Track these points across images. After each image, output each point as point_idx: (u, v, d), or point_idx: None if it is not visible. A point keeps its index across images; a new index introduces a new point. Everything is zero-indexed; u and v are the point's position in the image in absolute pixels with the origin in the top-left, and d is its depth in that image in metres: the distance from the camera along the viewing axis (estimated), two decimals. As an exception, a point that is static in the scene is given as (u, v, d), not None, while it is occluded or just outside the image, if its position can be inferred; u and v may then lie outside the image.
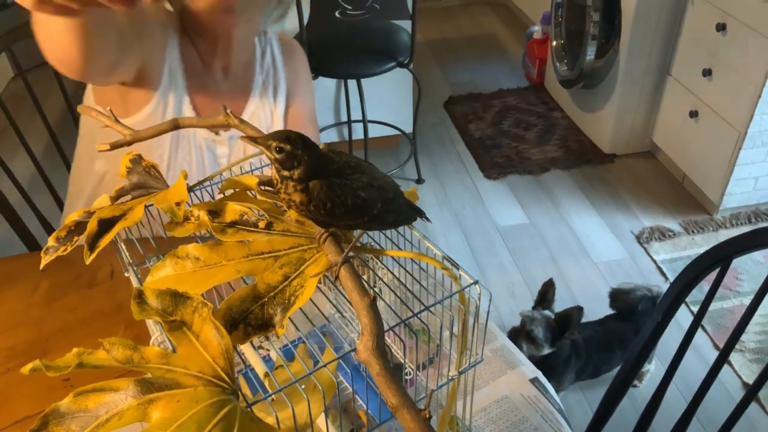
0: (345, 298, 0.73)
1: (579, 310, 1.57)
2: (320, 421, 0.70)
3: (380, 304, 0.49)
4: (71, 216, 0.57)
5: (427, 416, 0.41)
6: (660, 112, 2.64)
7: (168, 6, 1.08)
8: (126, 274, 0.67)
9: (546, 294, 1.64)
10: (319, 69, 2.20)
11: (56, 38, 0.76)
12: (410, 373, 0.71)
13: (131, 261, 0.57)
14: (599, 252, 2.34)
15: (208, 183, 0.63)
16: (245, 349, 0.63)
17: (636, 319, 1.70)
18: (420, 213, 0.51)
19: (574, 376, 1.67)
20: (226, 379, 0.42)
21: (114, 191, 0.61)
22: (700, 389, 1.02)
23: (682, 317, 2.03)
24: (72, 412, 0.41)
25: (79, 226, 0.56)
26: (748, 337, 2.01)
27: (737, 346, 1.97)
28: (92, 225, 0.52)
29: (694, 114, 2.37)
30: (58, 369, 0.44)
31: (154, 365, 0.43)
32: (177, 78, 1.07)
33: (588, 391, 1.86)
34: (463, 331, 0.53)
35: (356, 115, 2.72)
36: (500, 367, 0.92)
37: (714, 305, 2.09)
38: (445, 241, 2.43)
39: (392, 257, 0.52)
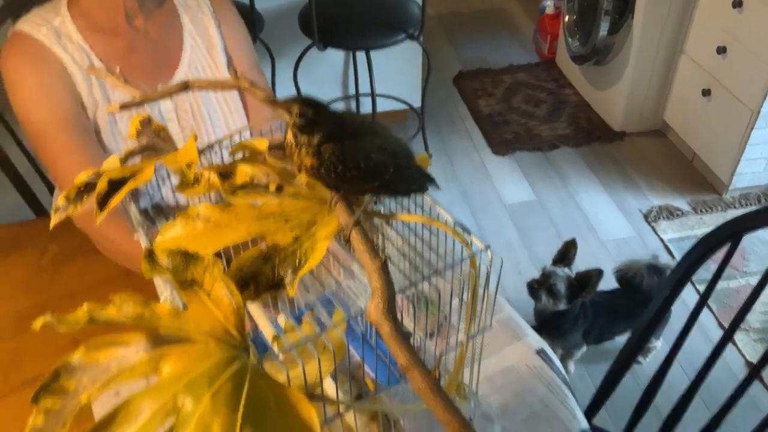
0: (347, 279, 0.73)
1: (599, 272, 1.60)
2: (328, 385, 0.70)
3: (391, 268, 0.49)
4: (80, 176, 0.56)
5: (437, 376, 0.41)
6: (672, 90, 2.60)
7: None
8: (135, 237, 0.67)
9: (567, 253, 1.67)
10: (327, 40, 2.18)
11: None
12: (418, 341, 0.71)
13: (141, 220, 0.56)
14: (606, 230, 2.33)
15: (217, 146, 0.62)
16: (253, 311, 0.63)
17: (642, 293, 1.72)
18: (431, 180, 0.51)
19: (580, 336, 1.71)
20: (237, 336, 0.43)
21: (123, 152, 0.61)
22: (704, 367, 1.02)
23: (688, 296, 2.03)
24: (83, 366, 0.41)
25: (89, 187, 0.55)
26: (754, 317, 2.01)
27: (742, 326, 1.97)
28: (102, 185, 0.52)
29: (706, 92, 2.34)
30: (68, 324, 0.44)
31: (165, 322, 0.43)
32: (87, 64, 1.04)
33: (591, 365, 1.87)
34: (473, 297, 0.53)
35: (364, 88, 2.70)
36: (506, 337, 0.92)
37: (720, 284, 2.08)
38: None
39: (402, 222, 0.52)
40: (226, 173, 0.54)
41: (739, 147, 2.24)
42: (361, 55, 2.54)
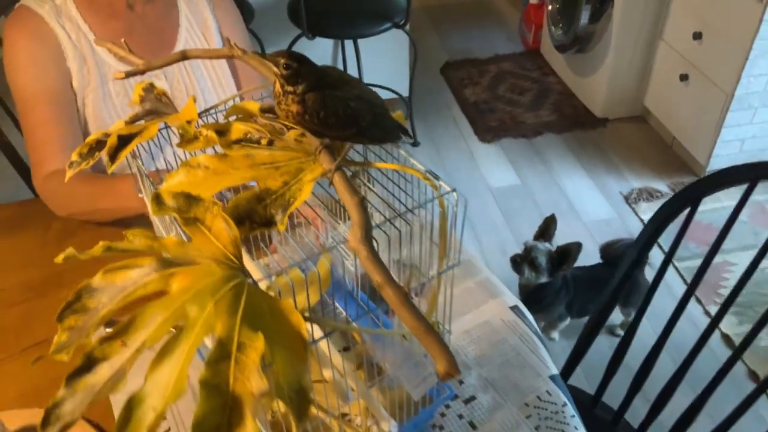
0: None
1: (579, 245, 1.67)
2: (333, 354, 0.77)
3: (370, 209, 0.56)
4: (92, 136, 0.63)
5: (407, 293, 0.48)
6: (652, 77, 2.68)
7: None
8: (140, 195, 0.73)
9: (548, 228, 1.74)
10: (315, 30, 2.24)
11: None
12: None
13: (146, 174, 0.63)
14: (588, 212, 2.41)
15: (213, 110, 0.69)
16: (246, 262, 0.70)
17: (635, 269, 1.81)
18: (405, 132, 0.58)
19: (563, 308, 1.78)
20: (236, 261, 0.49)
21: (129, 117, 0.67)
22: (669, 322, 1.10)
23: (671, 278, 2.11)
24: (102, 287, 0.48)
25: (99, 144, 0.62)
26: (728, 291, 2.09)
27: (717, 299, 2.06)
28: (113, 139, 0.59)
29: (684, 77, 2.42)
30: (88, 255, 0.51)
31: (172, 250, 0.49)
32: (83, 47, 1.11)
33: (575, 338, 1.94)
34: (443, 234, 0.59)
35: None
36: (483, 296, 0.99)
37: (697, 261, 2.16)
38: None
39: (380, 170, 0.58)
40: (222, 131, 0.61)
41: (715, 130, 2.32)
42: (350, 45, 2.60)
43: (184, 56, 0.67)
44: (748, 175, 0.96)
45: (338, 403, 0.69)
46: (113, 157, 0.58)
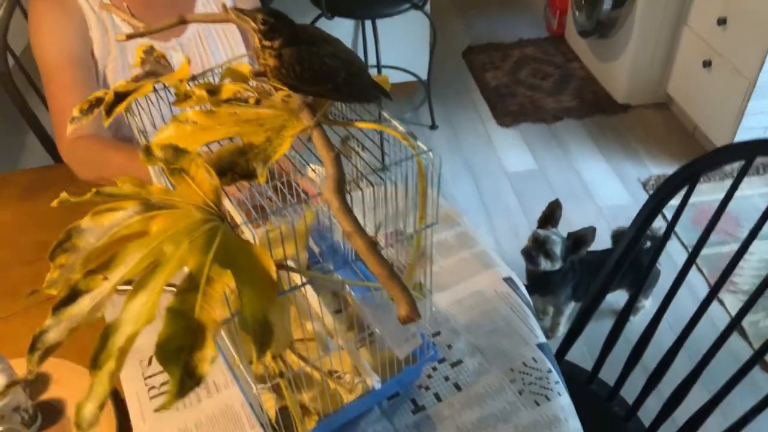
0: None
1: (593, 230, 1.66)
2: (314, 301, 0.80)
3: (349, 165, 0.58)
4: (94, 94, 0.66)
5: (375, 241, 0.51)
6: (675, 63, 2.64)
7: None
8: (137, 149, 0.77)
9: (553, 213, 1.73)
10: (334, 9, 2.26)
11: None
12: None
13: (142, 128, 0.66)
14: (604, 197, 2.40)
15: (210, 72, 0.72)
16: (228, 206, 0.73)
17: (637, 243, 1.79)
18: (384, 93, 0.60)
19: (570, 292, 1.78)
20: (215, 208, 0.52)
21: (131, 78, 0.70)
22: (690, 323, 1.06)
23: (679, 257, 2.09)
24: (90, 228, 0.51)
25: (99, 101, 0.65)
26: (743, 280, 2.07)
27: (731, 288, 2.04)
28: (110, 96, 0.62)
29: (707, 64, 2.38)
30: (79, 199, 0.54)
31: (157, 196, 0.53)
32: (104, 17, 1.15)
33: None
34: (421, 193, 0.61)
35: (373, 59, 2.78)
36: (477, 267, 1.01)
37: (713, 249, 2.15)
38: (454, 184, 2.50)
39: (360, 129, 0.61)
40: (214, 90, 0.64)
41: (737, 117, 2.28)
42: (370, 26, 2.61)
43: (182, 20, 0.70)
44: (745, 152, 0.95)
45: (319, 353, 0.72)
46: (109, 111, 0.61)
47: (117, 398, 0.85)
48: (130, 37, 0.70)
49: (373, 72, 2.71)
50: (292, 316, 0.78)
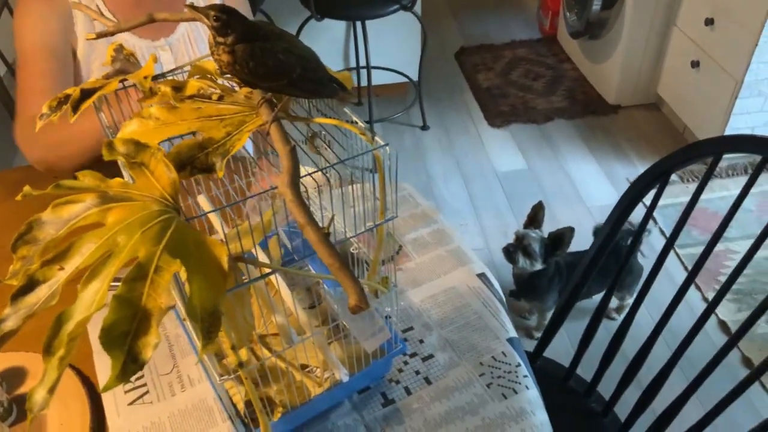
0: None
1: (571, 230, 1.67)
2: (287, 295, 0.81)
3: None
4: (65, 91, 0.68)
5: (327, 233, 0.52)
6: (665, 64, 2.66)
7: None
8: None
9: (536, 215, 1.74)
10: (323, 11, 2.28)
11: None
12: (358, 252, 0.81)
13: (109, 126, 0.68)
14: (593, 197, 2.41)
15: (179, 70, 0.73)
16: (201, 201, 0.75)
17: (618, 253, 1.79)
18: (343, 88, 0.61)
19: (557, 296, 1.79)
20: (171, 201, 0.53)
21: (101, 76, 0.72)
22: (667, 310, 1.05)
23: (672, 265, 2.10)
24: (50, 220, 0.52)
25: (67, 98, 0.67)
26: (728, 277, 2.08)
27: (716, 287, 2.05)
28: (76, 93, 0.64)
29: (695, 64, 2.40)
30: (40, 193, 0.55)
31: (116, 189, 0.54)
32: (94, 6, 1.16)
33: (567, 322, 1.96)
34: (381, 187, 0.63)
35: (365, 61, 2.80)
36: (452, 263, 1.02)
37: (699, 249, 2.15)
38: (445, 185, 2.52)
39: (320, 124, 0.62)
40: (179, 87, 0.65)
41: (725, 117, 2.30)
42: (360, 28, 2.63)
43: (151, 19, 0.71)
44: (712, 148, 0.97)
45: (283, 345, 0.73)
46: (75, 108, 0.63)
47: (92, 392, 0.86)
48: (99, 36, 0.71)
49: (364, 73, 2.72)
50: (262, 309, 0.79)
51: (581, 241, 1.73)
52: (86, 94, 0.64)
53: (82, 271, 0.49)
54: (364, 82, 2.77)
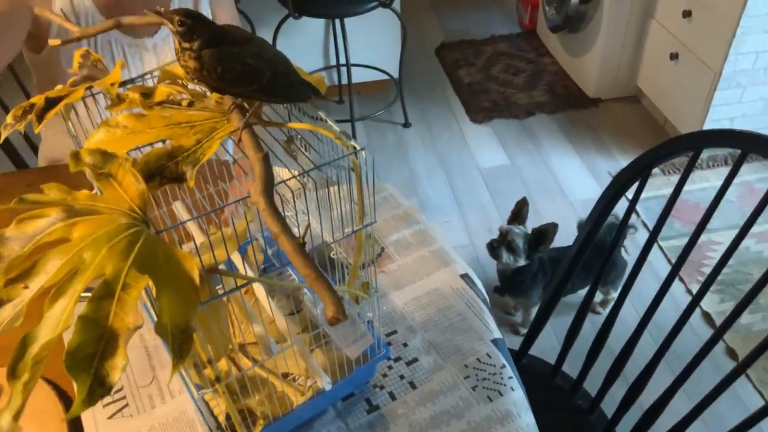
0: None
1: (554, 226, 1.66)
2: (266, 303, 0.80)
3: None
4: (33, 99, 0.66)
5: (301, 242, 0.51)
6: (644, 56, 2.67)
7: None
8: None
9: (520, 211, 1.73)
10: (301, 9, 2.25)
11: None
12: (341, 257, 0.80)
13: (74, 135, 0.66)
14: (575, 191, 2.41)
15: (149, 75, 0.71)
16: (178, 207, 0.73)
17: (602, 247, 1.80)
18: (316, 92, 0.60)
19: (541, 291, 1.79)
20: (139, 213, 0.52)
21: (68, 82, 0.70)
22: (652, 305, 1.05)
23: (655, 257, 2.11)
24: (14, 236, 0.50)
25: (32, 107, 0.64)
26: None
27: (700, 278, 2.06)
28: (40, 101, 0.61)
29: (674, 56, 2.41)
30: (3, 208, 0.53)
31: (82, 203, 0.52)
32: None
33: (553, 317, 1.96)
34: (358, 192, 0.61)
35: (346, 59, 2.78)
36: (436, 264, 1.01)
37: (682, 240, 2.17)
38: (428, 182, 2.51)
39: (294, 129, 0.60)
40: (147, 93, 0.63)
41: (704, 109, 2.31)
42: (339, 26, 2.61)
43: (118, 23, 0.69)
44: (693, 143, 0.97)
45: (262, 356, 0.72)
46: (40, 117, 0.60)
47: (70, 407, 0.84)
48: (64, 42, 0.69)
49: (344, 71, 2.69)
50: (241, 318, 0.77)
51: (565, 236, 1.73)
52: (51, 102, 0.62)
53: (48, 289, 0.48)
54: (345, 80, 2.75)
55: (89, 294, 0.45)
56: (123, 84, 0.67)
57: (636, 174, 1.05)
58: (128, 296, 0.43)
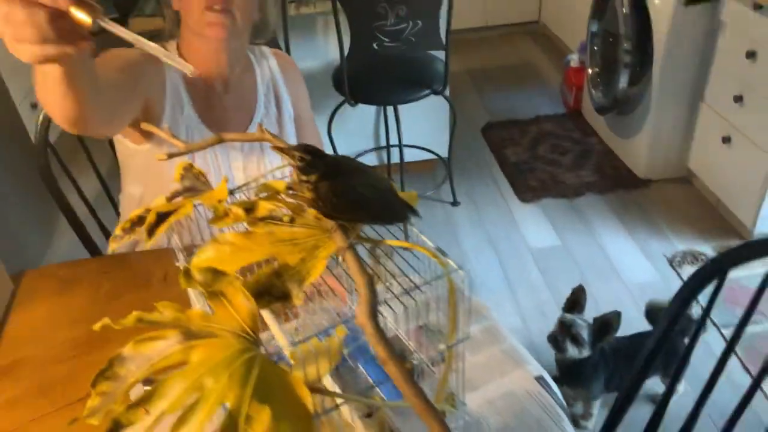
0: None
1: (618, 315, 1.63)
2: (327, 381, 0.80)
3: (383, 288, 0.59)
4: (134, 212, 0.69)
5: (410, 368, 0.51)
6: (694, 138, 2.67)
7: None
8: (177, 263, 0.79)
9: (578, 300, 1.70)
10: (358, 97, 2.34)
11: (52, 90, 0.78)
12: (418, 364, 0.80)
13: (181, 248, 0.69)
14: (630, 274, 2.37)
15: (245, 187, 0.75)
16: (271, 326, 0.74)
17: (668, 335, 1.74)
18: (414, 212, 0.62)
19: (602, 384, 1.73)
20: (252, 334, 0.53)
21: (170, 193, 0.74)
22: (734, 414, 1.01)
23: (714, 341, 2.04)
24: (131, 356, 0.52)
25: (140, 220, 0.68)
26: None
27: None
28: (151, 217, 0.65)
29: (726, 139, 2.40)
30: (121, 325, 0.56)
31: (196, 323, 0.54)
32: (181, 99, 1.22)
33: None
34: (452, 311, 0.62)
35: (395, 140, 2.85)
36: (508, 364, 1.00)
37: (747, 329, 2.09)
38: (476, 260, 2.50)
39: (394, 248, 0.62)
40: (249, 208, 0.66)
41: (759, 191, 2.28)
42: (391, 110, 2.69)
43: (220, 139, 0.73)
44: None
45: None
46: (150, 232, 0.64)
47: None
48: (170, 156, 0.73)
49: (396, 152, 2.77)
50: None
51: (624, 322, 1.69)
52: (161, 217, 0.65)
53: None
54: (393, 160, 2.81)
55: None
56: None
57: (712, 274, 1.04)
58: (252, 430, 0.44)
